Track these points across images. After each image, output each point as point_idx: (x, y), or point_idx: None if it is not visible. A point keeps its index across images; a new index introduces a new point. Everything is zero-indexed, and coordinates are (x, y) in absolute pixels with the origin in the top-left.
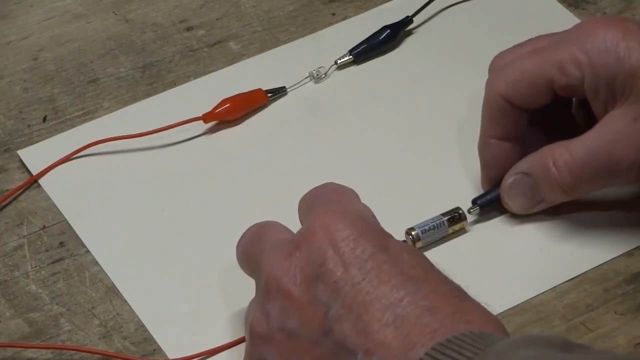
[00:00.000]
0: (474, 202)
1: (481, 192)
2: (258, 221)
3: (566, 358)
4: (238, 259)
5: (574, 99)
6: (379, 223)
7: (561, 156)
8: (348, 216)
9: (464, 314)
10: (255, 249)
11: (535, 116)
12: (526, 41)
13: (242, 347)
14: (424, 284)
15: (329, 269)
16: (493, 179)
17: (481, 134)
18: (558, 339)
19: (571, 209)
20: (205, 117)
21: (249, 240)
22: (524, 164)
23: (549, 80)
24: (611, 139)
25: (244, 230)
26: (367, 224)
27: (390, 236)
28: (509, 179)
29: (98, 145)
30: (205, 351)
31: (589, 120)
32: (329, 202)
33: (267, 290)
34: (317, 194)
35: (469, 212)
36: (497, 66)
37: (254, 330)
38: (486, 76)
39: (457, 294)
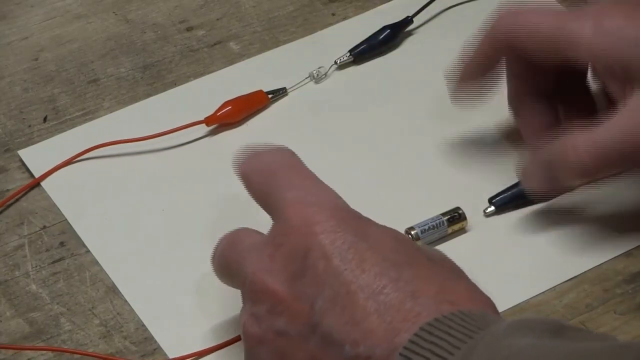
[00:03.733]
0: (490, 201)
1: (479, 194)
2: (258, 222)
3: (560, 346)
4: (216, 270)
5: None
6: (351, 208)
7: (583, 141)
8: (325, 207)
9: (447, 294)
10: (234, 255)
11: (550, 91)
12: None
13: (240, 344)
14: (407, 269)
15: (311, 264)
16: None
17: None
18: (553, 323)
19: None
20: (208, 121)
21: (225, 249)
22: (544, 149)
23: (560, 46)
24: (637, 123)
25: None
26: (344, 213)
27: (369, 222)
28: (529, 163)
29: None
30: (204, 349)
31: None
32: (295, 188)
33: (253, 292)
34: (272, 170)
35: (485, 212)
36: (508, 11)
37: (248, 333)
38: None
39: (442, 274)
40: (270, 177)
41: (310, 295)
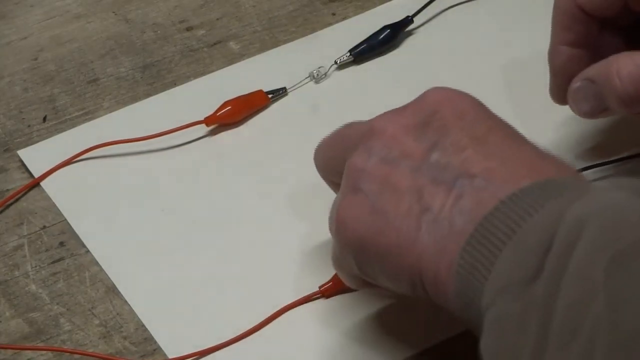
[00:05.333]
0: None
1: None
2: (258, 220)
3: None
4: (323, 145)
5: None
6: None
7: (626, 67)
8: (461, 94)
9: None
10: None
11: (615, 25)
12: None
13: (240, 344)
14: (528, 143)
15: (437, 118)
16: (562, 87)
17: (551, 41)
18: None
19: None
20: (207, 121)
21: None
22: (591, 70)
23: None
24: None
25: (244, 231)
26: (478, 103)
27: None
28: (575, 84)
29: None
30: (204, 349)
31: None
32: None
33: (370, 133)
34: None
35: None
36: None
37: (353, 165)
38: (486, 78)
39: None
40: None
41: (430, 138)
